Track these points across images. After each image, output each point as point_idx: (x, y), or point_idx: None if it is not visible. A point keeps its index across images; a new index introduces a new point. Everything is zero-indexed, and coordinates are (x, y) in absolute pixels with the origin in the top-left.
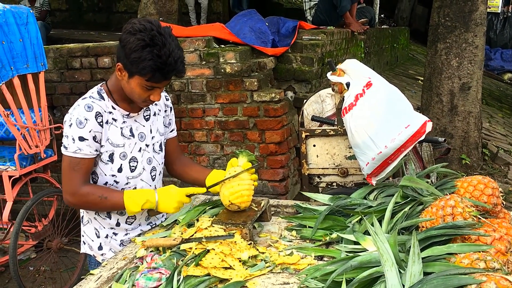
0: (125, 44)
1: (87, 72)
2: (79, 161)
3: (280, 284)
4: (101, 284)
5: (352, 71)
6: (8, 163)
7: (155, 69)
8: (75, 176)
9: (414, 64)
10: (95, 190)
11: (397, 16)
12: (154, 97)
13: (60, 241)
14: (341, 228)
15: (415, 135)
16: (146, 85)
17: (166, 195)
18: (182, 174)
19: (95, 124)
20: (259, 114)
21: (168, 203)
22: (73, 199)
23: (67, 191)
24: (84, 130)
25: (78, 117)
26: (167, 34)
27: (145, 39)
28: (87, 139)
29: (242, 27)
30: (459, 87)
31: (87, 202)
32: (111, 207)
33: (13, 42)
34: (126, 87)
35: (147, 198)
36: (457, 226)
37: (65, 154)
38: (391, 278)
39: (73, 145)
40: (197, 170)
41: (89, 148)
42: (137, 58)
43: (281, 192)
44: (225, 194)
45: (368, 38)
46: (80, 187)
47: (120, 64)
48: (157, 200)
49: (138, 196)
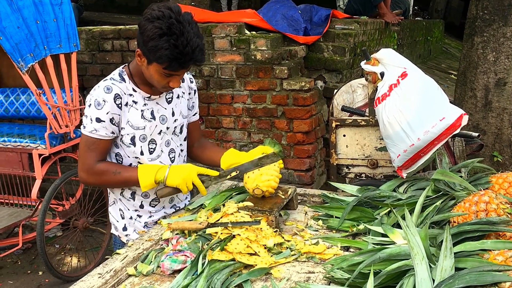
0: (143, 31)
1: (118, 54)
2: (95, 141)
3: (305, 273)
4: (126, 264)
5: (387, 61)
6: (39, 141)
7: (172, 58)
8: (90, 155)
9: (447, 58)
10: (109, 167)
11: (432, 8)
12: (173, 84)
13: (86, 220)
14: (368, 219)
15: (450, 128)
16: (164, 73)
17: (177, 169)
18: (199, 156)
19: (113, 106)
20: (287, 102)
21: (176, 175)
22: (87, 176)
23: (82, 168)
24: (101, 112)
25: (97, 98)
26: (186, 21)
27: (162, 27)
28: (104, 120)
29: (274, 14)
30: (494, 83)
31: (101, 179)
32: (124, 182)
33: (47, 22)
34: (145, 72)
35: (158, 169)
36: (492, 222)
37: (83, 132)
38: (421, 272)
39: (90, 125)
40: (213, 151)
41: (105, 130)
42: (154, 46)
43: (307, 182)
44: (251, 177)
45: (402, 29)
46: (94, 165)
47: (139, 50)
48: (168, 172)
49: (151, 168)
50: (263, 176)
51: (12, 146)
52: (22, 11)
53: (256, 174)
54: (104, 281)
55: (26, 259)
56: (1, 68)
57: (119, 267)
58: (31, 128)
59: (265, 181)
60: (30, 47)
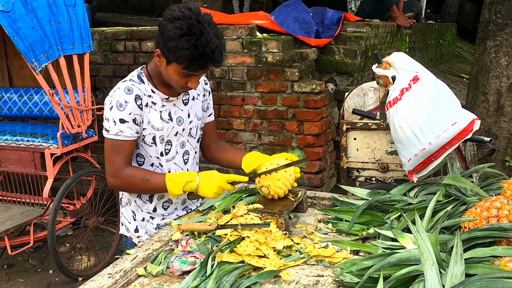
0: (164, 31)
1: (130, 55)
2: (121, 143)
3: (314, 276)
4: (136, 264)
5: (399, 65)
6: (51, 141)
7: (192, 58)
8: (118, 158)
9: (459, 62)
10: (137, 172)
11: (444, 11)
12: (191, 84)
13: (96, 220)
14: (378, 223)
15: (462, 133)
16: (183, 73)
17: (208, 179)
18: (217, 157)
19: (134, 107)
20: (298, 105)
21: (209, 187)
22: (116, 181)
23: (110, 173)
24: (124, 113)
25: (118, 100)
26: (206, 22)
27: (183, 28)
28: (128, 121)
29: (286, 17)
30: (507, 87)
31: (129, 184)
32: (152, 189)
33: (61, 23)
34: (164, 73)
35: (189, 179)
36: (503, 229)
37: (106, 137)
38: (431, 278)
39: (115, 128)
40: (232, 153)
41: (130, 130)
42: (174, 46)
43: (317, 184)
44: (267, 176)
45: (414, 33)
46: (123, 169)
47: (158, 50)
48: (198, 183)
49: (179, 178)
50: (279, 182)
51: (24, 145)
52: (37, 12)
53: (274, 176)
54: (114, 281)
55: (37, 258)
56: (12, 69)
57: (129, 267)
58: (44, 128)
59: (277, 188)
60: (44, 47)
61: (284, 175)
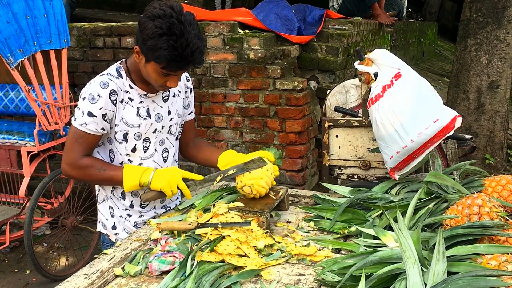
0: (143, 29)
1: (110, 51)
2: (83, 135)
3: (296, 275)
4: (114, 264)
5: (381, 61)
6: (27, 138)
7: (170, 59)
8: (77, 148)
9: (440, 60)
10: (94, 162)
11: (425, 10)
12: (170, 84)
13: (75, 219)
14: (360, 221)
15: (443, 130)
16: (162, 72)
17: (163, 171)
18: (194, 156)
19: (107, 102)
20: (280, 102)
21: (160, 178)
22: (70, 169)
23: (66, 160)
24: (95, 106)
25: (91, 92)
26: (187, 22)
27: (163, 27)
28: (96, 115)
29: (268, 14)
30: (487, 85)
31: (84, 174)
32: (108, 180)
33: (37, 17)
34: (143, 70)
35: (144, 171)
36: (485, 226)
37: (73, 124)
38: (413, 276)
39: (81, 118)
40: (209, 151)
41: (95, 125)
42: (153, 45)
43: (299, 182)
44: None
45: (395, 31)
46: (80, 159)
47: (137, 47)
48: (152, 174)
49: (136, 169)
50: (262, 180)
51: (0, 143)
52: (12, 6)
53: (257, 175)
54: (90, 281)
55: (14, 258)
56: None
57: (106, 267)
58: (20, 125)
59: (260, 187)
60: (20, 42)
61: (266, 174)
